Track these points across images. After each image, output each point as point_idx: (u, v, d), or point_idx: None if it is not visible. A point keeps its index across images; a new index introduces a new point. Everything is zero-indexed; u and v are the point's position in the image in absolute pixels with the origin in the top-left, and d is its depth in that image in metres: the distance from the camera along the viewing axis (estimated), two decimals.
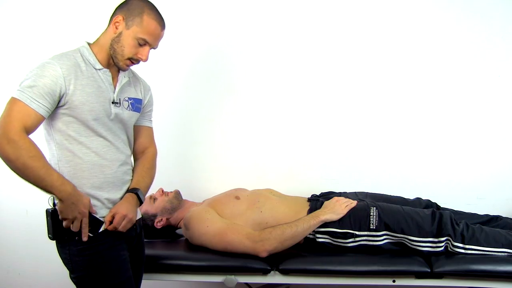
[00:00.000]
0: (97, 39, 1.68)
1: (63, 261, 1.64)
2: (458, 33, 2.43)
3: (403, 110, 2.48)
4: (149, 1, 1.67)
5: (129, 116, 1.72)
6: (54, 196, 1.55)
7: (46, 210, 1.59)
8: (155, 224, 2.16)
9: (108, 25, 1.66)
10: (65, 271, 2.58)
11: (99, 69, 1.64)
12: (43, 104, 1.51)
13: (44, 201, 2.56)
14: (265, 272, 1.92)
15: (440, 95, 2.46)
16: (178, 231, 2.27)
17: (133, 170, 1.77)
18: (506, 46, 2.42)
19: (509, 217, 2.23)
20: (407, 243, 1.97)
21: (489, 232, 1.98)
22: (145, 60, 1.67)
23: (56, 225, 1.57)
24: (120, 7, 1.66)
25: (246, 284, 2.09)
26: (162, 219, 2.17)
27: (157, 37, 1.67)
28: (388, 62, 2.47)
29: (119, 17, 1.62)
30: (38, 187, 1.53)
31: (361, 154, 2.50)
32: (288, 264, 1.93)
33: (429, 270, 1.89)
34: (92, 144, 1.60)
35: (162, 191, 2.22)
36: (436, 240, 1.95)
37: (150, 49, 1.67)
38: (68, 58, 1.59)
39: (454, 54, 2.44)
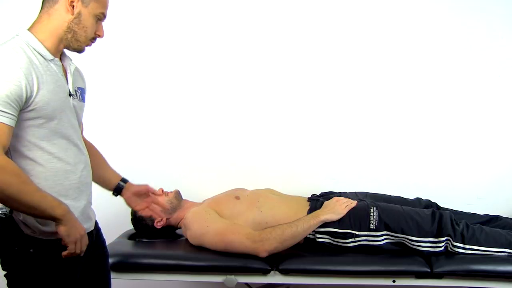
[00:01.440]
0: (38, 25, 1.44)
1: (8, 272, 1.45)
2: (458, 33, 2.43)
3: (403, 110, 2.48)
4: None
5: (81, 107, 1.55)
6: (43, 217, 1.36)
7: None
8: (155, 224, 2.16)
9: (51, 6, 1.43)
10: None
11: (51, 60, 1.43)
12: (11, 114, 1.30)
13: None
14: (265, 272, 1.92)
15: (440, 95, 2.46)
16: (178, 231, 2.26)
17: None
18: (506, 46, 2.42)
19: (509, 217, 2.23)
20: (407, 243, 1.97)
21: (489, 232, 1.98)
22: (103, 36, 1.52)
23: (12, 234, 1.40)
24: None
25: (246, 284, 2.09)
26: (162, 219, 2.17)
27: (108, 7, 1.52)
28: (388, 63, 2.47)
29: None
30: (32, 213, 1.35)
31: (361, 154, 2.50)
32: (288, 264, 1.93)
33: (429, 270, 1.89)
34: (54, 149, 1.42)
35: (162, 191, 2.22)
36: (436, 240, 1.95)
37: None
38: (19, 52, 1.36)
39: (454, 54, 2.44)
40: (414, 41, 2.45)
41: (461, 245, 1.94)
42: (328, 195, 2.23)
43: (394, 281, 1.91)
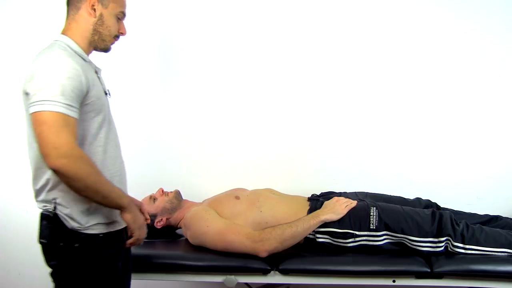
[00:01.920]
0: (69, 31, 1.56)
1: (51, 267, 1.54)
2: (458, 33, 2.43)
3: (403, 110, 2.48)
4: None
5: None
6: (86, 207, 1.47)
7: (43, 214, 1.51)
8: (155, 224, 2.16)
9: (76, 12, 1.56)
10: None
11: (88, 62, 1.57)
12: (77, 108, 1.42)
13: None
14: (265, 272, 1.92)
15: (440, 95, 2.46)
16: (178, 231, 2.27)
17: None
18: (506, 46, 2.42)
19: (509, 217, 2.23)
20: (407, 243, 1.97)
21: (489, 232, 1.98)
22: (125, 33, 1.65)
23: (57, 230, 1.49)
24: None
25: (246, 284, 2.09)
26: (162, 219, 2.17)
27: (126, 6, 1.65)
28: (388, 62, 2.47)
29: (93, 0, 1.55)
30: (103, 202, 1.46)
31: (361, 154, 2.50)
32: (288, 264, 1.93)
33: (429, 270, 1.89)
34: (100, 142, 1.53)
35: (162, 191, 2.22)
36: (436, 240, 1.95)
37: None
38: (70, 53, 1.48)
39: (454, 54, 2.44)
40: (414, 41, 2.45)
41: (461, 245, 1.94)
42: (328, 195, 2.23)
43: (394, 281, 1.91)
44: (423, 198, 2.26)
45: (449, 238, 1.94)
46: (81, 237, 1.49)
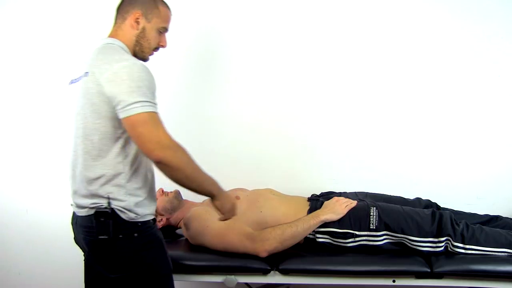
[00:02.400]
0: (117, 35, 1.66)
1: (109, 261, 1.59)
2: (458, 33, 2.43)
3: (403, 110, 2.48)
4: None
5: None
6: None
7: (98, 212, 1.55)
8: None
9: (122, 22, 1.66)
10: (65, 271, 2.60)
11: None
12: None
13: (44, 200, 2.58)
14: (265, 272, 1.92)
15: (440, 95, 2.46)
16: (178, 231, 2.27)
17: None
18: (506, 46, 2.42)
19: (509, 217, 2.23)
20: (407, 243, 1.97)
21: (489, 232, 1.98)
22: (166, 46, 1.75)
23: (115, 224, 1.55)
24: (129, 3, 1.67)
25: (246, 284, 2.09)
26: (162, 219, 2.17)
27: (170, 21, 1.74)
28: (388, 62, 2.47)
29: (138, 13, 1.64)
30: (198, 190, 1.59)
31: (361, 154, 2.50)
32: (288, 264, 1.93)
33: (429, 270, 1.89)
34: None
35: (162, 191, 2.22)
36: (436, 240, 1.95)
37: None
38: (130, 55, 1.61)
39: (454, 54, 2.44)
40: (414, 42, 2.45)
41: (461, 245, 1.94)
42: (328, 195, 2.23)
43: (394, 281, 1.91)
44: (423, 198, 2.26)
45: (449, 238, 1.94)
46: (139, 226, 1.59)
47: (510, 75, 2.43)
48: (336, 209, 2.02)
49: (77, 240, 1.71)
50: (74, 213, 1.68)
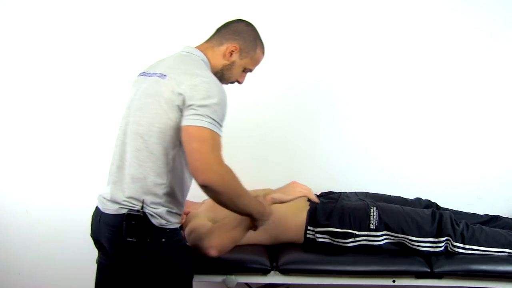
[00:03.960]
0: (207, 52, 1.67)
1: (138, 266, 1.56)
2: (458, 33, 2.43)
3: (403, 110, 2.48)
4: (257, 30, 1.74)
5: None
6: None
7: (129, 214, 1.52)
8: None
9: (217, 46, 1.67)
10: (65, 271, 2.59)
11: None
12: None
13: (44, 200, 2.58)
14: (265, 272, 1.92)
15: (440, 95, 2.46)
16: None
17: None
18: (506, 46, 2.42)
19: (509, 217, 2.23)
20: (407, 243, 1.97)
21: (489, 232, 1.98)
22: (242, 83, 1.79)
23: (145, 227, 1.53)
24: (234, 33, 1.67)
25: (246, 284, 2.09)
26: None
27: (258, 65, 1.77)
28: (388, 62, 2.47)
29: (235, 47, 1.66)
30: (237, 211, 1.61)
31: (361, 154, 2.50)
32: (288, 264, 1.93)
33: (429, 270, 1.89)
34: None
35: None
36: (436, 240, 1.94)
37: None
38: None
39: (454, 54, 2.44)
40: (414, 42, 2.45)
41: (461, 245, 1.94)
42: (328, 195, 2.23)
43: (394, 281, 1.91)
44: (423, 198, 2.26)
45: (449, 238, 1.94)
46: (167, 232, 1.57)
47: (510, 75, 2.43)
48: (287, 191, 1.91)
49: (97, 236, 1.66)
50: (98, 209, 1.64)
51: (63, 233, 2.54)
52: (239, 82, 1.77)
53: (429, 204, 2.22)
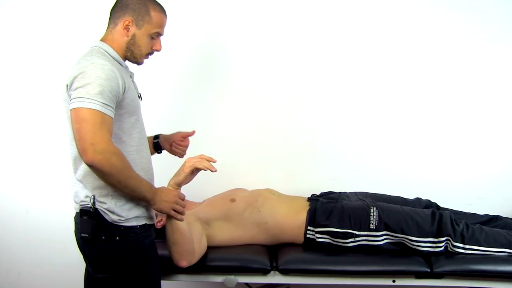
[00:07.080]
0: (107, 39, 1.66)
1: (92, 261, 1.63)
2: (458, 33, 2.43)
3: (403, 110, 2.48)
4: None
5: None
6: (111, 197, 1.57)
7: (82, 210, 1.57)
8: (155, 224, 2.15)
9: (114, 27, 1.66)
10: (65, 272, 2.59)
11: (125, 67, 1.68)
12: (113, 108, 1.51)
13: (44, 200, 2.58)
14: (265, 272, 1.92)
15: (440, 95, 2.46)
16: None
17: None
18: (506, 46, 2.42)
19: (509, 217, 2.23)
20: (407, 243, 1.97)
21: (489, 232, 1.98)
22: (160, 50, 1.72)
23: (98, 224, 1.56)
24: (121, 9, 1.65)
25: (246, 284, 2.09)
26: (162, 219, 2.17)
27: (165, 26, 1.72)
28: (388, 62, 2.47)
29: (128, 20, 1.63)
30: (131, 195, 1.58)
31: (361, 154, 2.50)
32: (288, 264, 1.93)
33: (429, 270, 1.89)
34: (133, 141, 1.63)
35: None
36: (436, 240, 1.95)
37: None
38: (107, 58, 1.58)
39: (454, 54, 2.44)
40: (414, 42, 2.45)
41: (461, 245, 1.94)
42: (328, 195, 2.23)
43: (394, 281, 1.92)
44: (423, 198, 2.26)
45: (449, 238, 1.94)
46: (122, 230, 1.59)
47: (510, 75, 2.43)
48: (178, 171, 1.84)
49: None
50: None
51: (63, 233, 2.53)
52: (157, 50, 1.72)
53: (429, 204, 2.22)
